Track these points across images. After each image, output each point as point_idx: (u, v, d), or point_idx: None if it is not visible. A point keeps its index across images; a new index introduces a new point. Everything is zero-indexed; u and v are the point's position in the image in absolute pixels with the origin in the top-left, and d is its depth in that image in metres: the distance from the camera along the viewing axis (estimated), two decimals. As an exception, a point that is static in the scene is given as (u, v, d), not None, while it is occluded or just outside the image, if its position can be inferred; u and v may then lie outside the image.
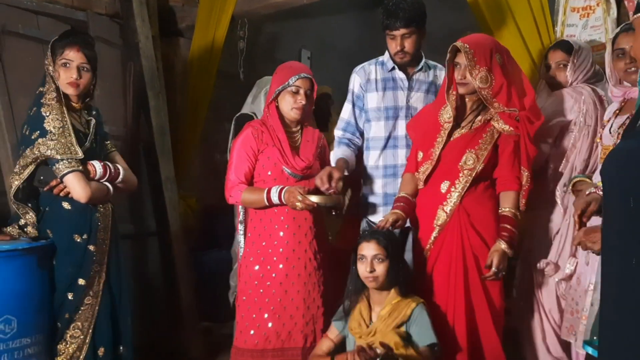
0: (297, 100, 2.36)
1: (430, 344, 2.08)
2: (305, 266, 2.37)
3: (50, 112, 2.21)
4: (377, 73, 2.64)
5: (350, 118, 2.67)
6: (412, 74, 2.63)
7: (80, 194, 2.21)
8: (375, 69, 2.65)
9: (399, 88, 2.63)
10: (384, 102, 2.61)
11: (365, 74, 2.65)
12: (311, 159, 2.42)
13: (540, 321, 2.46)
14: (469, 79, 2.21)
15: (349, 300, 2.22)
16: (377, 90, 2.62)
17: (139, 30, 3.49)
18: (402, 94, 2.62)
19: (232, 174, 2.39)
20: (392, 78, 2.63)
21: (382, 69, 2.65)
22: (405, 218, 2.31)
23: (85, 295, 2.26)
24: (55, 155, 2.17)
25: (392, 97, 2.62)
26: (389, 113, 2.62)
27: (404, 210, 2.32)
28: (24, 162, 2.20)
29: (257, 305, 2.35)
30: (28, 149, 2.20)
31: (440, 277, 2.26)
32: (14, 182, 2.23)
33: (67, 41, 2.29)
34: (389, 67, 2.63)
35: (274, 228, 2.37)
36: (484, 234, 2.23)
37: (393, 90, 2.63)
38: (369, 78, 2.64)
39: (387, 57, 2.64)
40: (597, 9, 2.64)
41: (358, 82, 2.65)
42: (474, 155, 2.24)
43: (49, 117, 2.20)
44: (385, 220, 2.27)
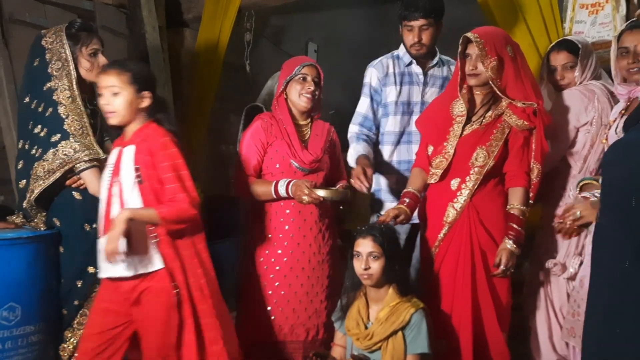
0: (305, 87, 2.36)
1: (420, 353, 2.04)
2: (310, 260, 2.37)
3: (70, 113, 2.20)
4: (394, 67, 2.63)
5: (368, 112, 2.64)
6: (428, 69, 2.62)
7: (96, 188, 2.20)
8: (393, 63, 2.63)
9: (415, 83, 2.62)
10: (400, 96, 2.60)
11: (384, 68, 2.62)
12: (319, 153, 2.41)
13: (547, 318, 2.44)
14: (480, 70, 2.19)
15: (347, 296, 2.20)
16: (395, 85, 2.61)
17: (146, 21, 3.49)
18: (418, 89, 2.62)
19: (240, 167, 2.40)
20: (409, 73, 2.63)
21: (399, 63, 2.63)
22: (409, 213, 2.29)
23: (94, 283, 2.26)
24: (83, 157, 2.17)
25: (407, 92, 2.62)
26: (404, 108, 2.61)
27: (409, 206, 2.30)
28: (49, 166, 2.17)
29: (260, 297, 2.36)
30: (50, 152, 2.18)
31: (447, 274, 2.26)
32: (36, 187, 2.19)
33: (89, 29, 2.30)
34: (405, 61, 2.62)
35: (278, 221, 2.38)
36: (493, 231, 2.23)
37: (409, 85, 2.62)
38: (387, 72, 2.62)
39: (403, 51, 2.62)
40: (606, 6, 2.62)
41: (376, 76, 2.63)
42: (485, 151, 2.22)
43: (68, 119, 2.19)
44: (386, 215, 2.26)
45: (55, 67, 2.25)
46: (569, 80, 2.45)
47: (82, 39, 2.26)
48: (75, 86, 2.23)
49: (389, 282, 2.12)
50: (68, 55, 2.24)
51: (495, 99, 2.29)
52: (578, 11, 2.72)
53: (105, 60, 2.29)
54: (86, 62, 2.26)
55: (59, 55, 2.25)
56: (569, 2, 2.75)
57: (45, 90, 2.24)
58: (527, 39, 2.80)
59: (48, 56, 2.26)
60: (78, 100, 2.22)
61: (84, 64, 2.26)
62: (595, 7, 2.67)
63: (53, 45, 2.26)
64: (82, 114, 2.22)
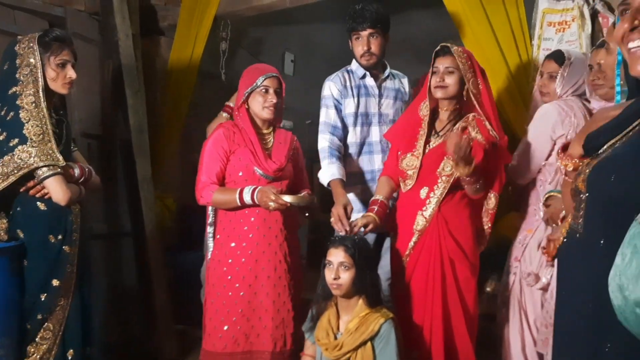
0: (267, 99, 2.36)
1: None
2: (275, 268, 2.35)
3: (30, 118, 2.16)
4: (350, 80, 2.69)
5: (336, 122, 2.65)
6: (381, 82, 2.70)
7: (60, 197, 2.18)
8: (348, 76, 2.70)
9: (371, 95, 2.69)
10: (359, 108, 2.66)
11: (341, 81, 2.68)
12: (283, 161, 2.41)
13: (521, 330, 2.47)
14: (447, 82, 2.26)
15: (317, 306, 2.21)
16: (353, 97, 2.67)
17: (119, 28, 3.45)
18: (374, 100, 2.69)
19: (203, 175, 2.37)
20: (364, 85, 2.69)
21: (353, 77, 2.70)
22: (377, 221, 2.31)
23: (58, 296, 2.23)
24: (39, 163, 2.13)
25: (365, 103, 2.68)
26: (363, 119, 2.67)
27: (378, 214, 2.33)
28: (4, 170, 2.14)
29: (225, 307, 2.33)
30: (7, 156, 2.14)
31: (418, 283, 2.28)
32: None
33: (62, 39, 2.26)
34: (359, 74, 2.69)
35: (243, 229, 2.35)
36: (461, 241, 2.27)
37: (366, 97, 2.69)
38: (345, 85, 2.67)
39: (356, 65, 2.69)
40: (572, 24, 2.69)
41: (336, 88, 2.67)
42: (452, 162, 2.26)
43: (28, 124, 2.15)
44: (354, 223, 2.27)
45: (24, 72, 2.22)
46: (549, 89, 2.49)
47: (52, 48, 2.23)
48: (41, 93, 2.20)
49: (359, 292, 2.13)
50: (37, 62, 2.21)
51: (460, 115, 2.35)
52: (546, 29, 2.78)
53: (74, 74, 2.27)
54: (52, 72, 2.23)
55: (28, 62, 2.22)
56: (537, 20, 2.81)
57: (10, 94, 2.20)
58: (497, 54, 2.86)
59: (18, 61, 2.23)
60: (42, 107, 2.19)
61: (50, 73, 2.23)
62: (562, 26, 2.73)
63: (25, 51, 2.23)
64: (45, 121, 2.18)
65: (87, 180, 2.35)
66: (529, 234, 2.49)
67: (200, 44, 3.79)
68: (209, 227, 2.50)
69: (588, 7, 2.66)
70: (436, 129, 2.38)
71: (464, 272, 2.26)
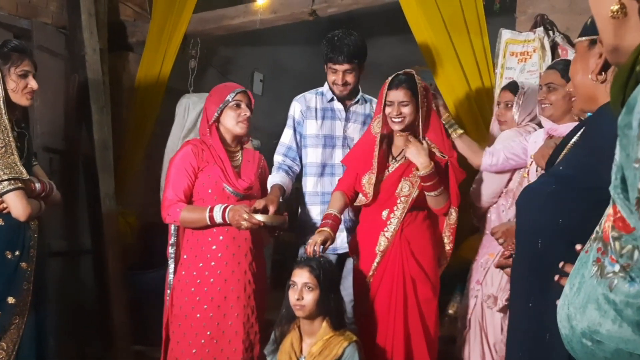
0: (240, 114, 2.35)
1: None
2: (245, 288, 2.30)
3: None
4: (317, 102, 2.71)
5: (291, 143, 2.70)
6: (349, 106, 2.72)
7: (20, 212, 2.13)
8: (315, 99, 2.72)
9: (337, 118, 2.71)
10: (322, 130, 2.68)
11: (306, 102, 2.70)
12: (253, 179, 2.40)
13: (482, 354, 2.48)
14: (405, 113, 2.31)
15: (280, 328, 2.18)
16: (317, 119, 2.68)
17: (86, 43, 3.42)
18: (340, 124, 2.70)
19: (169, 192, 2.31)
20: (331, 108, 2.71)
21: (322, 99, 2.72)
22: (332, 236, 2.31)
23: (13, 315, 2.15)
24: (2, 176, 2.08)
25: (330, 126, 2.69)
26: (326, 141, 2.68)
27: (332, 227, 2.32)
28: None
29: (193, 330, 2.27)
30: None
31: (381, 304, 2.29)
32: None
33: (22, 50, 2.23)
34: (328, 97, 2.71)
35: (211, 248, 2.30)
36: (423, 262, 2.30)
37: (331, 120, 2.70)
38: (309, 106, 2.69)
39: (327, 88, 2.71)
40: (533, 55, 2.79)
41: (299, 109, 2.70)
42: (409, 182, 2.33)
43: None
44: (313, 242, 2.24)
45: None
46: (506, 118, 2.56)
47: (12, 59, 2.19)
48: (2, 105, 2.15)
49: (323, 314, 2.11)
50: None
51: (415, 137, 2.40)
52: (508, 58, 2.88)
53: (35, 84, 2.23)
54: (12, 83, 2.19)
55: None
56: (500, 50, 2.91)
57: None
58: (461, 80, 2.94)
59: None
60: (4, 119, 2.14)
61: (10, 84, 2.19)
62: (524, 56, 2.83)
63: None
64: (7, 133, 2.13)
65: (47, 195, 2.30)
66: (490, 257, 2.53)
67: (169, 61, 3.77)
68: (171, 248, 2.42)
69: (548, 39, 2.76)
70: (393, 154, 2.44)
71: (425, 293, 2.28)
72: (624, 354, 0.76)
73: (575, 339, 0.83)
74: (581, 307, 0.81)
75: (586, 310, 0.80)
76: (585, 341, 0.80)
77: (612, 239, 0.76)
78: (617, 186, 0.73)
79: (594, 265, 0.81)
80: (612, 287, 0.75)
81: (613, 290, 0.75)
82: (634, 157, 0.67)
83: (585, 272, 0.82)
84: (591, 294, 0.79)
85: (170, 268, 2.41)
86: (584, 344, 0.81)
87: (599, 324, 0.77)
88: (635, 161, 0.67)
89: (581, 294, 0.82)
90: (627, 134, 0.69)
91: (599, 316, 0.77)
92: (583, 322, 0.80)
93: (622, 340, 0.75)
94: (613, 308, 0.75)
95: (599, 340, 0.78)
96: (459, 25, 2.94)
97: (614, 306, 0.75)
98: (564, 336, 0.86)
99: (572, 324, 0.83)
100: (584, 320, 0.80)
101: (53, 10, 3.51)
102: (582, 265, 0.84)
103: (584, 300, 0.81)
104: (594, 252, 0.82)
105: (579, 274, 0.84)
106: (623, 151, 0.71)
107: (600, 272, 0.78)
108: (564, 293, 0.88)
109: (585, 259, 0.84)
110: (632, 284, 0.73)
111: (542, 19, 2.80)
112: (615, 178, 0.74)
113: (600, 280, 0.78)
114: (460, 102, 2.95)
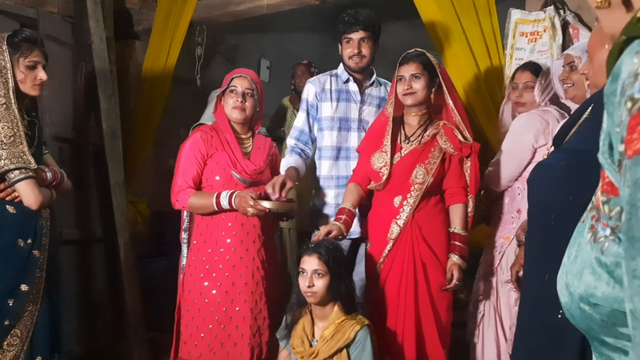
0: (234, 100, 2.35)
1: None
2: (253, 275, 2.31)
3: (1, 119, 2.11)
4: (331, 84, 2.68)
5: (304, 127, 2.68)
6: (365, 88, 2.68)
7: (32, 200, 2.14)
8: (330, 80, 2.69)
9: (352, 100, 2.67)
10: (337, 112, 2.65)
11: (320, 84, 2.68)
12: (262, 165, 2.40)
13: (496, 337, 2.48)
14: (415, 88, 2.30)
15: (292, 314, 2.19)
16: (332, 101, 2.65)
17: (93, 31, 3.41)
18: (355, 106, 2.67)
19: (179, 178, 2.33)
20: (346, 90, 2.68)
21: (337, 81, 2.69)
22: (342, 230, 2.31)
23: (27, 302, 2.17)
24: (9, 165, 2.09)
25: (344, 108, 2.66)
26: (341, 124, 2.65)
27: (345, 223, 2.33)
28: None
29: (201, 314, 2.29)
30: None
31: (391, 290, 2.29)
32: None
33: (33, 40, 2.22)
34: (343, 79, 2.67)
35: (220, 234, 2.31)
36: (435, 247, 2.29)
37: (346, 102, 2.67)
38: (323, 88, 2.67)
39: (342, 69, 2.68)
40: (544, 35, 2.76)
41: (313, 91, 2.67)
42: (424, 169, 2.30)
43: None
44: (318, 234, 2.27)
45: None
46: (526, 99, 2.54)
47: (22, 49, 2.19)
48: (11, 94, 2.15)
49: (334, 299, 2.12)
50: (7, 63, 2.16)
51: (431, 120, 2.40)
52: (518, 39, 2.84)
53: (45, 75, 2.23)
54: (20, 73, 2.19)
55: None
56: (509, 30, 2.87)
57: None
58: (470, 63, 2.91)
59: None
60: (13, 108, 2.14)
61: (19, 75, 2.19)
62: (534, 36, 2.80)
63: None
64: (16, 123, 2.14)
65: (58, 184, 2.31)
66: (506, 241, 2.52)
67: (175, 48, 3.76)
68: (184, 233, 2.46)
69: (559, 18, 2.72)
70: (407, 134, 2.40)
71: (437, 278, 2.28)
72: (619, 315, 0.78)
73: (574, 306, 0.85)
74: (578, 273, 0.84)
75: (582, 276, 0.83)
76: (583, 306, 0.83)
77: (602, 203, 0.79)
78: (605, 152, 0.76)
79: (588, 233, 0.84)
80: (604, 250, 0.79)
81: (604, 253, 0.78)
82: (617, 122, 0.71)
83: (581, 241, 0.86)
84: (586, 260, 0.83)
85: (184, 252, 2.44)
86: (582, 308, 0.84)
87: (594, 287, 0.80)
88: (617, 125, 0.71)
89: (577, 261, 0.85)
90: (613, 100, 0.73)
91: (594, 280, 0.80)
92: (580, 287, 0.83)
93: (616, 300, 0.77)
94: (605, 270, 0.78)
95: (595, 304, 0.81)
96: (468, 6, 2.90)
97: (606, 268, 0.78)
98: (563, 304, 0.89)
99: (570, 290, 0.86)
100: (580, 286, 0.83)
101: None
102: (579, 234, 0.87)
103: (580, 266, 0.84)
104: (589, 220, 0.85)
105: (576, 243, 0.88)
106: (610, 118, 0.74)
107: (594, 238, 0.82)
108: (563, 263, 0.91)
109: (581, 229, 0.88)
110: (620, 244, 0.75)
111: (553, -2, 2.76)
112: (603, 144, 0.77)
113: (594, 245, 0.81)
114: (470, 84, 2.92)
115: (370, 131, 2.50)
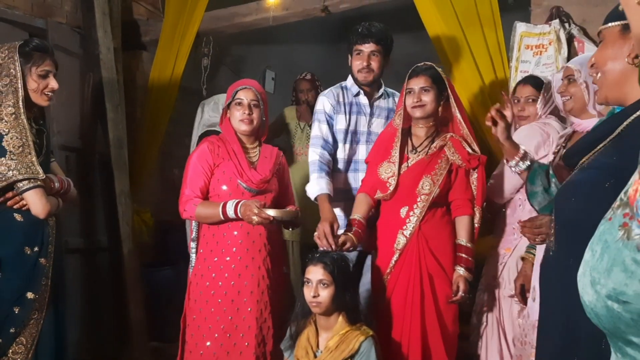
0: (240, 111, 2.37)
1: None
2: (259, 284, 2.31)
3: (10, 130, 2.12)
4: (344, 97, 2.68)
5: (327, 136, 2.62)
6: (374, 100, 2.69)
7: (40, 209, 2.14)
8: (342, 93, 2.68)
9: (362, 113, 2.68)
10: (349, 126, 2.65)
11: (335, 97, 2.66)
12: (268, 174, 2.40)
13: (500, 349, 2.46)
14: (424, 100, 2.31)
15: (296, 324, 2.18)
16: (345, 114, 2.65)
17: (101, 42, 3.45)
18: (365, 119, 2.67)
19: (187, 188, 2.35)
20: (357, 103, 2.68)
21: (347, 93, 2.69)
22: (355, 242, 2.31)
23: (33, 310, 2.16)
24: (18, 176, 2.10)
25: (355, 121, 2.67)
26: (352, 137, 2.66)
27: (356, 234, 2.32)
28: None
29: (207, 323, 2.29)
30: None
31: (398, 301, 2.28)
32: None
33: (44, 50, 2.24)
34: (353, 92, 2.67)
35: (226, 243, 2.32)
36: (442, 259, 2.29)
37: (357, 115, 2.67)
38: (338, 100, 2.66)
39: (351, 82, 2.68)
40: (549, 48, 2.77)
41: (329, 103, 2.65)
42: (430, 180, 2.31)
43: (7, 136, 2.11)
44: (332, 242, 2.25)
45: (3, 82, 2.17)
46: (529, 113, 2.54)
47: (34, 59, 2.20)
48: (21, 104, 2.16)
49: (339, 310, 2.11)
50: (17, 72, 2.17)
51: (437, 132, 2.41)
52: (523, 51, 2.86)
53: (56, 84, 2.24)
54: (33, 83, 2.20)
55: (8, 72, 2.18)
56: (515, 43, 2.88)
57: None
58: (475, 76, 2.93)
59: None
60: (22, 118, 2.15)
61: (31, 84, 2.20)
62: (539, 49, 2.81)
63: (4, 60, 2.19)
64: (25, 133, 2.15)
65: (65, 192, 2.32)
66: (507, 252, 2.51)
67: (182, 59, 3.79)
68: (192, 243, 2.47)
69: (564, 31, 2.74)
70: (414, 145, 2.42)
71: (444, 290, 2.27)
72: None
73: (600, 304, 0.84)
74: (605, 271, 0.83)
75: (611, 273, 0.82)
76: (611, 303, 0.82)
77: None
78: None
79: (620, 230, 0.83)
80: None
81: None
82: None
83: (609, 238, 0.85)
84: (617, 257, 0.81)
85: (192, 262, 2.44)
86: (610, 307, 0.83)
87: (625, 284, 0.79)
88: None
89: (605, 258, 0.84)
90: None
91: (625, 277, 0.79)
92: (608, 284, 0.82)
93: None
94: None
95: (625, 301, 0.80)
96: (473, 19, 2.92)
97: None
98: (586, 303, 0.88)
99: (595, 288, 0.85)
100: (609, 283, 0.82)
101: (67, 10, 3.55)
102: (605, 232, 0.86)
103: (608, 264, 0.83)
104: (619, 217, 0.84)
105: (601, 240, 0.86)
106: None
107: (627, 235, 0.81)
108: (584, 261, 0.90)
109: (608, 226, 0.86)
110: None
111: (558, 11, 2.78)
112: None
113: (627, 242, 0.80)
114: (475, 96, 2.93)
115: (378, 142, 2.51)
